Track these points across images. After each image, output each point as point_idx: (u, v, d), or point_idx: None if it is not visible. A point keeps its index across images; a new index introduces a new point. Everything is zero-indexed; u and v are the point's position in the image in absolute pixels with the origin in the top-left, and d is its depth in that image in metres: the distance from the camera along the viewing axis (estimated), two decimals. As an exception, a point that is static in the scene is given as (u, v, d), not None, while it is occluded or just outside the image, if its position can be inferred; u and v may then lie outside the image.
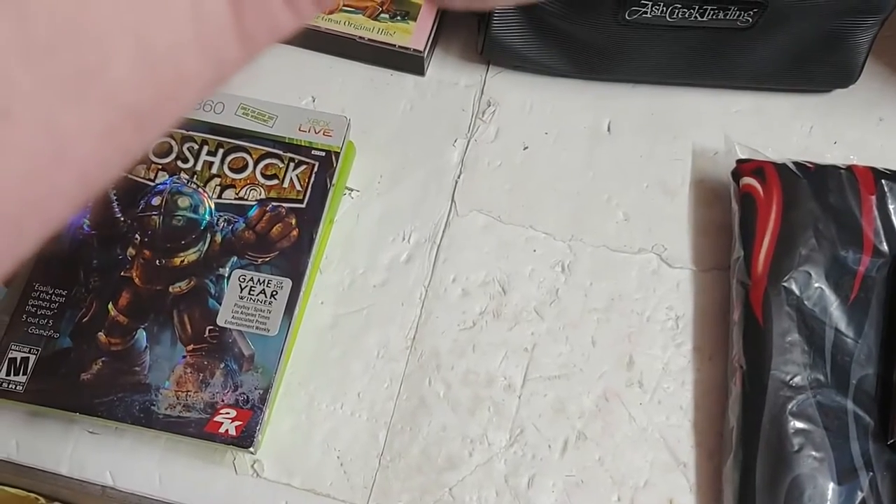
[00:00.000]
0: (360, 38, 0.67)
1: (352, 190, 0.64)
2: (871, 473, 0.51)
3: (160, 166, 0.59)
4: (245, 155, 0.59)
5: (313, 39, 0.68)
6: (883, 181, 0.59)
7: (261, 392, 0.52)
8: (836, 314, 0.56)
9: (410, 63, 0.68)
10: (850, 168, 0.60)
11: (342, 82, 0.68)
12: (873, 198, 0.59)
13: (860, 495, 0.51)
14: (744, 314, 0.56)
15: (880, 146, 0.66)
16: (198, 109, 0.61)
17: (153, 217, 0.57)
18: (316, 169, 0.59)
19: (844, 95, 0.67)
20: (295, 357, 0.58)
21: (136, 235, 0.56)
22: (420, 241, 0.62)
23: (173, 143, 0.59)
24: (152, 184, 0.58)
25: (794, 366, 0.54)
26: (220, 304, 0.54)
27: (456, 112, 0.67)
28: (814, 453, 0.51)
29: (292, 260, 0.56)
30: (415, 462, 0.55)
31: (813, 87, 0.68)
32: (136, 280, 0.55)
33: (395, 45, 0.67)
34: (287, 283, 0.55)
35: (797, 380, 0.53)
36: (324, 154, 0.59)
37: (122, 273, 0.55)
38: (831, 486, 0.51)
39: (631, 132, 0.66)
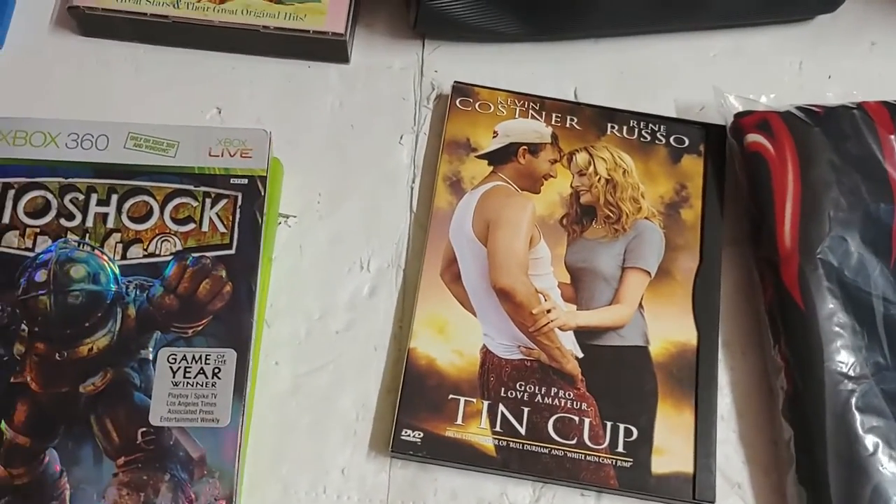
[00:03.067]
0: (265, 27, 0.54)
1: (287, 217, 0.52)
2: (955, 463, 0.44)
3: (38, 229, 0.45)
4: (147, 198, 0.46)
5: (207, 37, 0.55)
6: (902, 117, 0.51)
7: (224, 503, 0.41)
8: (881, 281, 0.48)
9: (331, 49, 0.56)
10: (861, 106, 0.52)
11: (251, 85, 0.56)
12: (893, 137, 0.51)
13: (948, 490, 0.43)
14: (778, 298, 0.48)
15: (878, 73, 0.58)
16: (75, 147, 0.47)
17: (41, 297, 0.44)
18: (240, 202, 0.47)
19: (828, 23, 0.59)
20: (254, 436, 0.46)
21: (23, 325, 0.43)
22: (382, 267, 0.51)
23: (50, 196, 0.46)
24: (31, 254, 0.45)
25: (848, 352, 0.46)
26: (149, 397, 0.42)
27: (395, 102, 0.56)
28: (891, 451, 0.44)
29: (232, 323, 0.44)
30: (424, 541, 0.45)
31: (794, 16, 0.59)
32: (33, 384, 0.42)
33: (308, 31, 0.54)
34: (231, 355, 0.43)
35: (855, 368, 0.45)
36: (246, 181, 0.47)
37: (11, 379, 0.42)
38: (915, 486, 0.43)
39: (602, 96, 0.56)
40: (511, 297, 0.49)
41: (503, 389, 0.47)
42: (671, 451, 0.46)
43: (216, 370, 0.43)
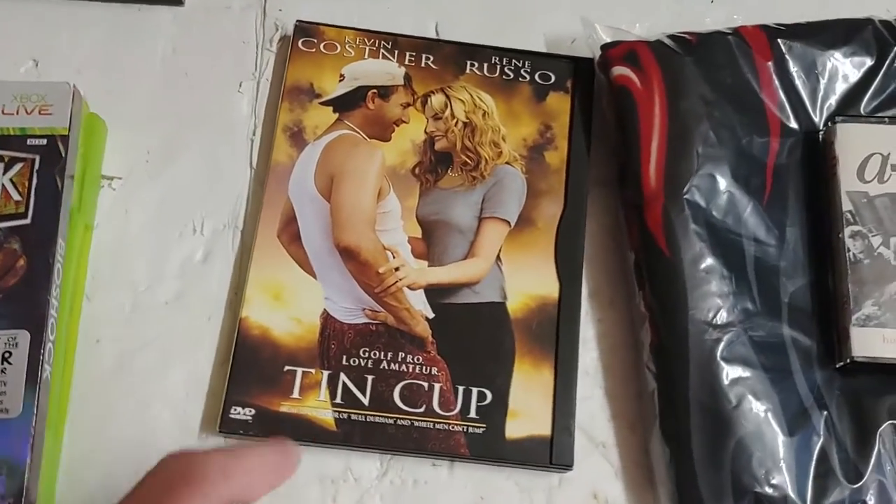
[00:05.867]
0: (80, -34, 0.48)
1: (111, 179, 0.47)
2: (825, 412, 0.41)
3: None
4: (-72, 164, 0.41)
5: (14, -21, 0.49)
6: (779, 41, 0.47)
7: (11, 501, 0.36)
8: (752, 220, 0.44)
9: (159, -10, 0.50)
10: (737, 31, 0.48)
11: (72, 33, 0.50)
12: (770, 64, 0.47)
13: (817, 442, 0.40)
14: (643, 243, 0.44)
15: (763, -3, 0.54)
16: None
17: None
18: (37, 165, 0.42)
19: (710, -59, 0.55)
20: (72, 424, 0.42)
21: None
22: (218, 229, 0.47)
23: None
24: None
25: (714, 298, 0.42)
26: (-72, 388, 0.38)
27: (235, 46, 0.51)
28: (756, 403, 0.41)
29: (25, 302, 0.39)
30: (265, 525, 0.42)
31: (674, -63, 0.54)
32: None
33: (130, -31, 0.49)
34: (24, 337, 0.39)
35: (721, 315, 0.42)
36: (45, 142, 0.42)
37: None
38: (781, 440, 0.40)
39: (467, 31, 0.51)
40: (356, 256, 0.45)
41: (345, 357, 0.43)
42: (528, 413, 0.42)
43: (6, 354, 0.38)
